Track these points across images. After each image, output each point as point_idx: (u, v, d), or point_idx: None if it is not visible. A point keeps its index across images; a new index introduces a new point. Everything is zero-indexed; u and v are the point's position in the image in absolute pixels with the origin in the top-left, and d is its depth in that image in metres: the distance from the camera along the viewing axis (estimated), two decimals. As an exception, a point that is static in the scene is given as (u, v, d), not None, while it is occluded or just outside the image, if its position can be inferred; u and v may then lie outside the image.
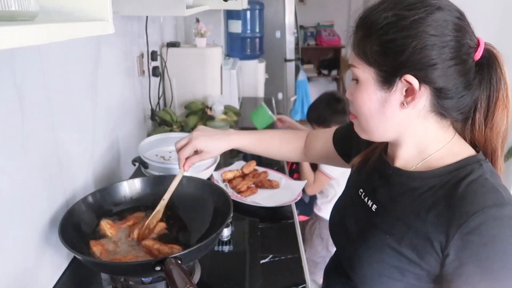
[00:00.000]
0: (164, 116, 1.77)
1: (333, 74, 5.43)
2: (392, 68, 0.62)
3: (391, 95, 0.63)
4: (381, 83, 0.64)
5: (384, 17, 0.61)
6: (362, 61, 0.65)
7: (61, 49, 0.96)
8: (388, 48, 0.61)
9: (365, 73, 0.65)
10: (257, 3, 2.85)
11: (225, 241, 1.09)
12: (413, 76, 0.60)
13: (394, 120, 0.65)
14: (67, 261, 1.00)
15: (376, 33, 0.62)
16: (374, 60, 0.63)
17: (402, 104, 0.63)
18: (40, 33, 0.43)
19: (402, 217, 0.66)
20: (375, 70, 0.64)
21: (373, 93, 0.65)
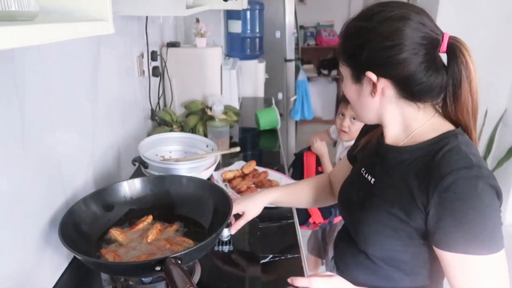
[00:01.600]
0: (164, 116, 1.77)
1: (333, 74, 5.42)
2: (358, 66, 0.77)
3: (362, 87, 0.79)
4: (354, 79, 0.79)
5: (350, 27, 0.79)
6: (342, 61, 0.81)
7: (61, 49, 0.96)
8: (352, 51, 0.78)
9: (345, 71, 0.82)
10: (257, 3, 2.85)
11: (225, 241, 1.09)
12: (372, 72, 0.74)
13: (371, 106, 0.80)
14: (67, 261, 1.00)
15: (345, 40, 0.80)
16: (347, 60, 0.80)
17: (371, 93, 0.77)
18: (40, 33, 0.43)
19: (394, 185, 0.78)
20: (349, 68, 0.80)
21: (351, 86, 0.81)
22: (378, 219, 0.80)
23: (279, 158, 1.74)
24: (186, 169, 1.24)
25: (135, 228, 0.99)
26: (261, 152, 1.86)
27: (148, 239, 0.94)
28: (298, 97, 3.56)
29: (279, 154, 1.79)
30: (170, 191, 1.09)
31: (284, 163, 1.66)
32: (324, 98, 5.37)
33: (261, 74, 2.91)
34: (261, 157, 1.76)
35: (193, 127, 1.81)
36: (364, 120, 0.86)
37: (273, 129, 2.07)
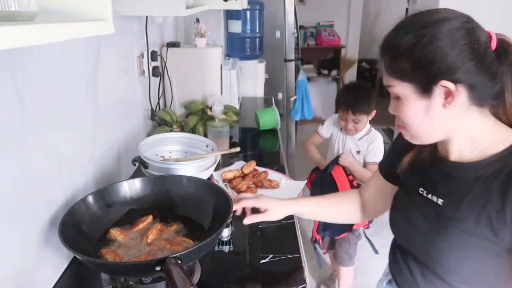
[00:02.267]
0: (164, 116, 1.77)
1: (333, 74, 5.43)
2: (427, 78, 0.71)
3: (432, 101, 0.72)
4: (421, 94, 0.73)
5: (407, 40, 0.71)
6: (397, 80, 0.75)
7: (61, 49, 0.96)
8: (418, 64, 0.71)
9: (403, 89, 0.74)
10: (257, 3, 2.85)
11: (225, 241, 1.09)
12: (447, 80, 0.69)
13: (441, 121, 0.74)
14: (67, 261, 1.00)
15: (404, 54, 0.72)
16: (408, 76, 0.73)
17: (444, 105, 0.72)
18: (40, 33, 0.43)
19: (473, 204, 0.73)
20: (411, 84, 0.73)
21: (416, 104, 0.74)
22: (463, 245, 0.75)
23: (279, 158, 1.74)
24: (186, 169, 1.24)
25: (135, 228, 0.99)
26: (261, 152, 1.86)
27: (148, 239, 0.94)
28: (298, 97, 3.56)
29: (279, 154, 1.79)
30: (170, 191, 1.09)
31: (284, 163, 1.66)
32: (324, 98, 5.37)
33: (261, 74, 2.91)
34: (261, 157, 1.76)
35: (193, 127, 1.81)
36: (426, 140, 0.79)
37: (273, 129, 2.07)
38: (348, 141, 1.98)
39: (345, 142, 1.99)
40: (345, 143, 1.99)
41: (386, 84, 0.78)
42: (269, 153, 1.87)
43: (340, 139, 2.02)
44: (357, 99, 1.87)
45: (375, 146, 1.91)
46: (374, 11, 5.86)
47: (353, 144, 1.97)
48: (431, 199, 0.81)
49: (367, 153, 1.93)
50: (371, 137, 1.92)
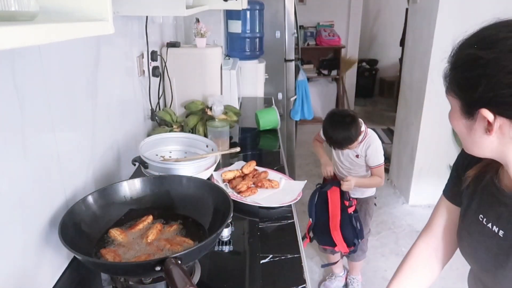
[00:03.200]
0: (164, 116, 1.77)
1: (333, 74, 5.43)
2: (470, 101, 0.67)
3: (474, 123, 0.68)
4: (464, 112, 0.69)
5: (465, 55, 0.67)
6: (450, 90, 0.71)
7: (61, 49, 0.96)
8: (465, 83, 0.67)
9: (452, 101, 0.71)
10: (257, 3, 2.85)
11: (225, 241, 1.09)
12: (488, 111, 0.64)
13: (485, 144, 0.69)
14: (67, 261, 1.00)
15: (457, 69, 0.68)
16: (456, 92, 0.69)
17: (486, 131, 0.67)
18: (40, 33, 0.43)
19: None
20: (458, 100, 0.69)
21: (460, 120, 0.71)
22: None
23: (279, 158, 1.74)
24: (186, 169, 1.24)
25: (135, 228, 0.99)
26: (261, 152, 1.86)
27: (148, 239, 0.94)
28: (298, 97, 3.56)
29: (279, 154, 1.79)
30: (170, 191, 1.09)
31: (284, 163, 1.66)
32: (324, 98, 5.38)
33: (261, 74, 2.91)
34: (261, 157, 1.76)
35: (193, 127, 1.81)
36: (475, 154, 0.75)
37: (273, 129, 2.07)
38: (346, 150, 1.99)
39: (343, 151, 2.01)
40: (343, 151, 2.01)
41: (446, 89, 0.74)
42: (269, 153, 1.87)
43: None
44: (340, 140, 1.88)
45: (373, 150, 1.93)
46: (374, 11, 5.86)
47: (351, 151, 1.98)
48: (492, 230, 0.76)
49: (368, 158, 1.95)
50: (368, 142, 1.94)
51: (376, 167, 1.97)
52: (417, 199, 3.20)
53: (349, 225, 1.95)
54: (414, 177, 3.15)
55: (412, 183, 3.18)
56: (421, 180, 3.15)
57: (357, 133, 1.87)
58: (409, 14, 3.33)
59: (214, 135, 1.66)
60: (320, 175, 2.08)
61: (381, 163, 1.97)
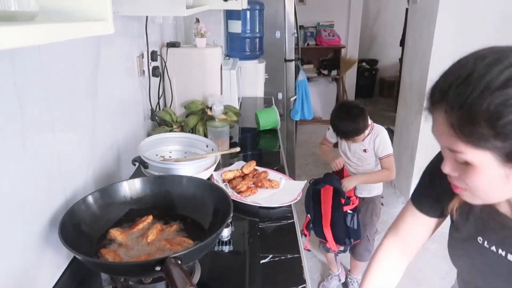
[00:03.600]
0: (164, 116, 1.77)
1: (333, 74, 5.43)
2: None
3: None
4: (505, 161, 0.60)
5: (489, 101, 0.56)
6: (470, 146, 0.60)
7: (61, 49, 0.96)
8: (506, 132, 0.57)
9: (479, 157, 0.61)
10: (257, 3, 2.85)
11: (225, 241, 1.09)
12: None
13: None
14: (67, 261, 1.00)
15: (485, 118, 0.57)
16: (489, 144, 0.59)
17: None
18: (40, 33, 0.43)
19: None
20: (492, 152, 0.60)
21: (495, 171, 0.61)
22: None
23: (279, 158, 1.74)
24: (186, 169, 1.24)
25: (135, 228, 0.99)
26: (261, 152, 1.86)
27: (148, 239, 0.94)
28: (298, 97, 3.56)
29: (279, 154, 1.79)
30: (170, 191, 1.09)
31: (284, 163, 1.66)
32: (324, 98, 5.38)
33: (261, 74, 2.91)
34: (261, 157, 1.76)
35: (193, 127, 1.81)
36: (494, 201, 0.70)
37: (273, 129, 2.07)
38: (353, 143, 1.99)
39: (350, 144, 2.01)
40: (351, 146, 2.01)
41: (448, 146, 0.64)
42: (269, 153, 1.87)
43: (344, 142, 2.04)
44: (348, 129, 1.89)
45: (381, 140, 1.94)
46: (374, 11, 5.86)
47: (359, 145, 1.98)
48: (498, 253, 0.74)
49: (377, 148, 1.96)
50: (375, 133, 1.95)
51: (385, 157, 1.96)
52: (417, 199, 3.19)
53: (342, 223, 1.94)
54: (414, 177, 3.15)
55: (412, 183, 3.17)
56: (421, 180, 3.15)
57: (365, 124, 1.88)
58: (409, 14, 3.33)
59: (214, 135, 1.66)
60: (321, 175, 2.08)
61: (390, 153, 1.96)
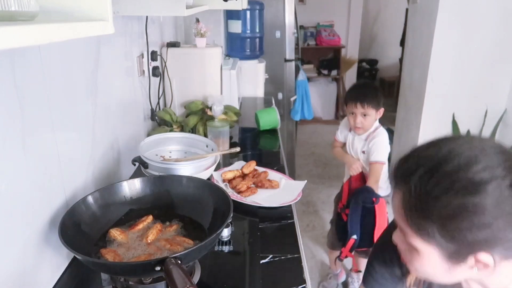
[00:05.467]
0: (164, 116, 1.77)
1: (333, 74, 5.43)
2: (460, 250, 0.60)
3: (460, 266, 0.62)
4: (447, 259, 0.62)
5: (449, 200, 0.58)
6: (420, 238, 0.63)
7: (61, 49, 0.96)
8: (453, 235, 0.59)
9: (425, 248, 0.63)
10: (257, 3, 2.85)
11: (225, 241, 1.09)
12: (487, 254, 0.59)
13: (461, 276, 0.65)
14: (67, 261, 1.00)
15: (439, 217, 0.59)
16: (435, 241, 0.61)
17: (472, 268, 0.62)
18: (40, 33, 0.43)
19: None
20: (440, 249, 0.62)
21: (439, 264, 0.63)
22: None
23: (279, 158, 1.74)
24: (186, 169, 1.24)
25: (135, 228, 0.99)
26: (261, 152, 1.86)
27: (148, 239, 0.94)
28: (298, 97, 3.56)
29: (279, 154, 1.79)
30: (170, 191, 1.09)
31: (284, 163, 1.66)
32: (324, 98, 5.38)
33: (261, 74, 2.91)
34: (261, 157, 1.76)
35: (193, 127, 1.81)
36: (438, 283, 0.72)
37: (273, 129, 2.07)
38: (356, 141, 1.98)
39: (353, 142, 2.00)
40: (354, 143, 2.00)
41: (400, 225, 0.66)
42: (269, 153, 1.87)
43: (349, 140, 2.04)
44: (365, 92, 1.87)
45: (375, 144, 1.88)
46: (374, 11, 5.86)
47: (360, 144, 1.97)
48: None
49: (369, 151, 1.91)
50: (377, 133, 1.90)
51: (374, 163, 1.88)
52: (417, 199, 3.19)
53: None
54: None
55: (412, 183, 3.17)
56: (421, 180, 3.14)
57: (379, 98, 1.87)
58: (409, 14, 3.33)
59: (214, 135, 1.66)
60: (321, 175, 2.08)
61: (380, 160, 1.88)
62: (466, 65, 2.69)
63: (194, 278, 0.93)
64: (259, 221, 1.21)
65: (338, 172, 3.61)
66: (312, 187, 3.43)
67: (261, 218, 1.23)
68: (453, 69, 2.78)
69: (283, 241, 1.13)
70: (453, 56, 2.73)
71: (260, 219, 1.22)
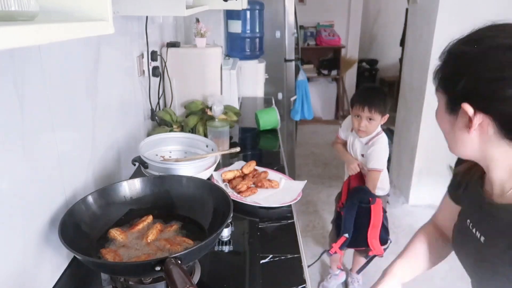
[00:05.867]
0: (164, 116, 1.77)
1: (333, 74, 5.43)
2: (454, 96, 0.68)
3: (456, 119, 0.69)
4: (448, 108, 0.71)
5: (453, 49, 0.69)
6: (438, 87, 0.73)
7: (61, 49, 0.96)
8: (450, 78, 0.69)
9: (439, 97, 0.73)
10: (257, 3, 2.85)
11: (225, 241, 1.09)
12: (468, 105, 0.65)
13: (466, 142, 0.70)
14: (67, 261, 1.00)
15: (444, 65, 0.71)
16: (442, 87, 0.71)
17: (466, 128, 0.67)
18: (40, 33, 0.43)
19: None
20: (444, 96, 0.71)
21: (444, 116, 0.72)
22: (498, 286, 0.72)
23: (279, 158, 1.74)
24: (186, 169, 1.24)
25: (135, 228, 0.99)
26: (261, 152, 1.86)
27: (148, 239, 0.94)
28: (298, 97, 3.55)
29: (279, 154, 1.79)
30: (170, 191, 1.09)
31: (284, 163, 1.66)
32: (324, 98, 5.38)
33: (261, 74, 2.91)
34: (261, 157, 1.76)
35: (193, 127, 1.81)
36: (458, 154, 0.76)
37: (273, 129, 2.07)
38: (356, 143, 1.98)
39: (354, 143, 2.00)
40: (354, 144, 2.01)
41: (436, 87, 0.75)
42: (269, 153, 1.87)
43: (350, 141, 2.04)
44: (374, 96, 1.86)
45: (373, 151, 1.89)
46: (374, 11, 5.86)
47: (360, 147, 1.97)
48: (476, 235, 0.76)
49: (367, 157, 1.92)
50: (374, 141, 1.90)
51: (372, 170, 1.90)
52: (417, 199, 3.20)
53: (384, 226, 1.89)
54: (414, 177, 3.15)
55: (412, 183, 3.18)
56: (421, 180, 3.15)
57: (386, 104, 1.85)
58: (409, 14, 3.33)
59: (214, 135, 1.66)
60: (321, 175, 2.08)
61: (378, 168, 1.90)
62: (466, 65, 2.69)
63: (194, 278, 0.93)
64: (259, 221, 1.21)
65: (338, 172, 3.61)
66: (312, 187, 3.43)
67: (261, 218, 1.23)
68: (453, 69, 2.78)
69: (283, 241, 1.13)
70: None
71: (260, 219, 1.22)
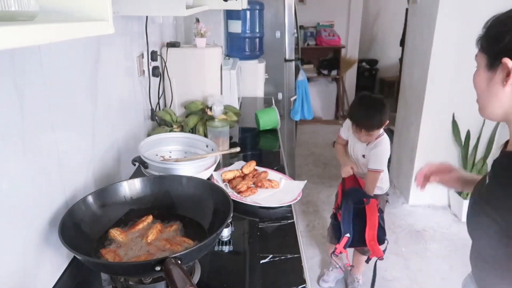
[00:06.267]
0: (164, 116, 1.77)
1: (333, 74, 5.43)
2: (495, 53, 0.78)
3: (494, 75, 0.79)
4: (488, 66, 0.80)
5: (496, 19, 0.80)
6: (480, 48, 0.83)
7: (61, 49, 0.96)
8: (493, 38, 0.80)
9: (480, 59, 0.83)
10: (257, 3, 2.84)
11: (225, 241, 1.09)
12: (509, 59, 0.75)
13: (499, 97, 0.80)
14: (67, 261, 1.00)
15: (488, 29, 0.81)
16: (484, 47, 0.82)
17: (503, 82, 0.77)
18: (40, 33, 0.43)
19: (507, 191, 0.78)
20: (485, 55, 0.81)
21: (483, 74, 0.82)
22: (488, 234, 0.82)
23: (279, 158, 1.74)
24: (186, 169, 1.24)
25: (135, 228, 0.99)
26: (261, 152, 1.86)
27: (148, 239, 0.94)
28: (298, 97, 3.55)
29: (279, 154, 1.79)
30: (170, 191, 1.09)
31: (284, 163, 1.66)
32: (324, 98, 5.38)
33: (261, 74, 2.91)
34: (261, 157, 1.76)
35: (193, 127, 1.81)
36: (488, 114, 0.85)
37: (273, 129, 2.07)
38: (358, 143, 1.99)
39: (355, 144, 2.01)
40: (355, 145, 2.01)
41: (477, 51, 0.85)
42: (269, 153, 1.87)
43: (351, 141, 2.04)
44: (370, 117, 1.83)
45: (375, 153, 1.90)
46: (374, 11, 5.86)
47: (361, 148, 1.98)
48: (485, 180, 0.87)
49: (369, 158, 1.93)
50: (377, 143, 1.91)
51: (372, 171, 1.91)
52: (417, 199, 3.20)
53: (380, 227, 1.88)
54: (414, 177, 3.15)
55: (412, 183, 3.17)
56: (421, 180, 3.15)
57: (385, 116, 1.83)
58: (409, 14, 3.33)
59: (214, 135, 1.66)
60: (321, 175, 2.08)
61: (378, 169, 1.91)
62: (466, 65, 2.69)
63: (194, 278, 0.93)
64: (259, 221, 1.21)
65: (338, 172, 3.59)
66: (312, 187, 3.43)
67: (261, 218, 1.23)
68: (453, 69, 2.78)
69: (283, 241, 1.13)
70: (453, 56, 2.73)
71: (260, 219, 1.22)
